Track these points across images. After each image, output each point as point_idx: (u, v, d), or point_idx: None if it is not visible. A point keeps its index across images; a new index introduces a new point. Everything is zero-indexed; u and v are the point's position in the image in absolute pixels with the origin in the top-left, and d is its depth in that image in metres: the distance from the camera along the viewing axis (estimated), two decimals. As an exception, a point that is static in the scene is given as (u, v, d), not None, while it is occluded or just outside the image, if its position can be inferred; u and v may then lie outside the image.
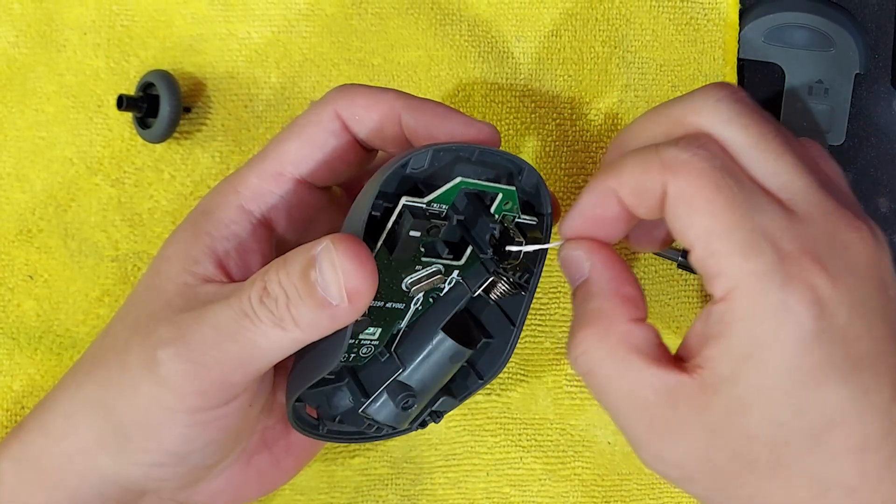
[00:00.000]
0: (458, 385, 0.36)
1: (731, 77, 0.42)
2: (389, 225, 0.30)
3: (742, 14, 0.42)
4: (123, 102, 0.40)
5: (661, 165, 0.29)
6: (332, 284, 0.29)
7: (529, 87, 0.43)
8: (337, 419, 0.35)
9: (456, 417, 0.43)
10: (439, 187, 0.31)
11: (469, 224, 0.33)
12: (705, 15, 0.43)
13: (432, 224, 0.31)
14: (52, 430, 0.33)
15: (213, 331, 0.30)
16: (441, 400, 0.36)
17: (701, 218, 0.28)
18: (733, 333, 0.28)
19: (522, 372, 0.43)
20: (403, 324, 0.33)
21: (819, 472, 0.28)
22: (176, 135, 0.42)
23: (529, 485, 0.43)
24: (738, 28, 0.42)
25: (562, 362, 0.43)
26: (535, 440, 0.43)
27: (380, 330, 0.33)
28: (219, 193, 0.34)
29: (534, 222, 0.33)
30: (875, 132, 0.43)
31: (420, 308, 0.34)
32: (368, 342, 0.33)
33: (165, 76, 0.41)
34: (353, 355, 0.33)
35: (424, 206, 0.31)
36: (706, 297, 0.43)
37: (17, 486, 0.33)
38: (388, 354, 0.34)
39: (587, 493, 0.43)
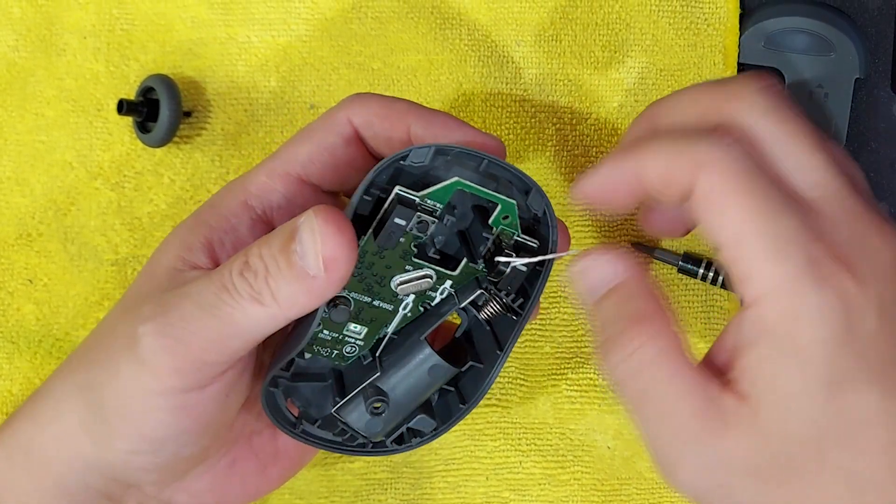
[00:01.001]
0: (440, 407, 0.36)
1: (731, 82, 0.42)
2: (381, 214, 0.31)
3: (742, 19, 0.42)
4: (123, 107, 0.40)
5: (694, 159, 0.29)
6: (309, 252, 0.29)
7: (529, 91, 0.43)
8: (316, 423, 0.35)
9: (455, 422, 0.43)
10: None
11: (465, 233, 0.33)
12: (705, 20, 0.43)
13: (421, 218, 0.30)
14: (40, 416, 0.33)
15: (192, 305, 0.31)
16: (418, 418, 0.35)
17: (731, 220, 0.28)
18: (768, 338, 0.28)
19: (522, 377, 0.43)
20: (391, 329, 0.33)
21: (849, 469, 0.29)
22: (176, 139, 0.42)
23: (529, 489, 0.43)
24: (739, 33, 0.42)
25: (562, 367, 0.43)
26: (535, 444, 0.43)
27: (366, 330, 0.33)
28: (228, 189, 0.35)
29: (535, 245, 0.33)
30: (875, 137, 0.43)
31: (409, 315, 0.33)
32: (353, 341, 0.33)
33: (165, 80, 0.41)
34: (335, 352, 0.33)
35: (417, 199, 0.31)
36: (708, 301, 0.43)
37: (6, 473, 0.33)
38: (370, 358, 0.34)
39: (586, 497, 0.43)
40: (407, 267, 0.32)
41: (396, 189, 0.30)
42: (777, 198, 0.28)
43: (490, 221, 0.32)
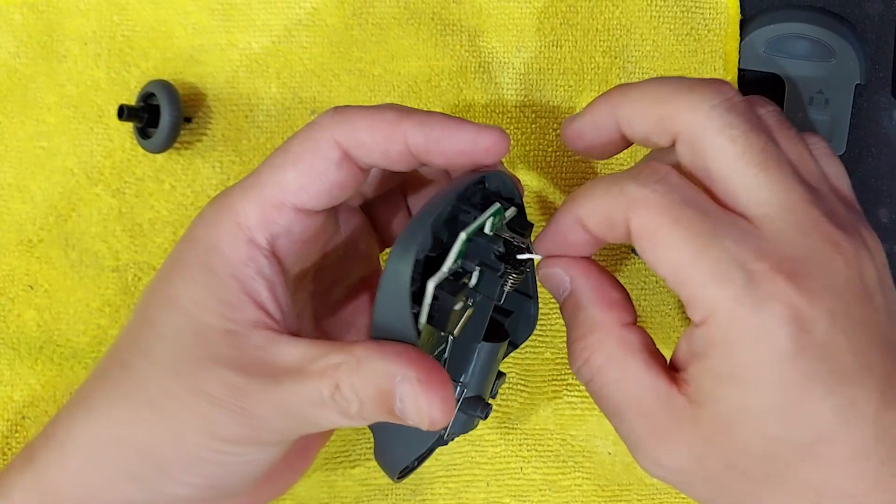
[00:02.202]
0: None
1: (732, 87, 0.42)
2: (426, 310, 0.30)
3: (743, 24, 0.42)
4: (124, 113, 0.40)
5: (625, 201, 0.30)
6: (412, 412, 0.29)
7: (530, 97, 0.43)
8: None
9: (456, 428, 0.43)
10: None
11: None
12: (706, 25, 0.43)
13: (463, 285, 0.30)
14: (71, 466, 0.32)
15: (277, 411, 0.30)
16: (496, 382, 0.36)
17: (664, 252, 0.29)
18: (714, 356, 0.29)
19: (523, 382, 0.43)
20: (447, 353, 0.33)
21: (815, 482, 0.29)
22: (177, 145, 0.42)
23: (530, 495, 0.43)
24: (739, 38, 0.42)
25: (562, 373, 0.43)
26: (536, 450, 0.43)
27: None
28: (218, 226, 0.32)
29: (514, 213, 0.34)
30: (876, 142, 0.43)
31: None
32: None
33: (166, 86, 0.41)
34: None
35: (448, 275, 0.30)
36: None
37: None
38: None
39: (587, 503, 0.43)
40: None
41: (430, 286, 0.30)
42: (709, 223, 0.29)
43: (487, 230, 0.32)
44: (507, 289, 0.34)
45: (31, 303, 0.42)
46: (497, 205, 0.32)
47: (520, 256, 0.32)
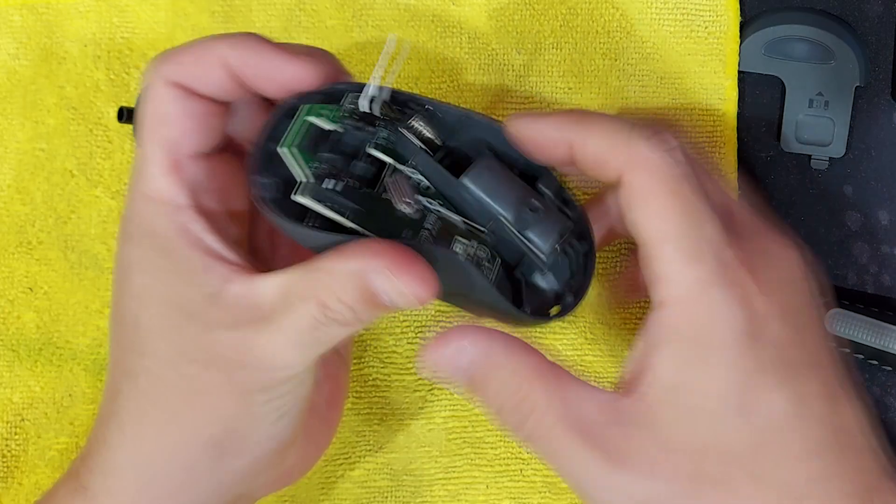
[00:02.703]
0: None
1: (732, 89, 0.42)
2: (325, 211, 0.31)
3: (742, 26, 0.42)
4: (124, 115, 0.40)
5: (633, 153, 0.30)
6: (400, 301, 0.30)
7: (530, 99, 0.43)
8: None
9: (456, 430, 0.43)
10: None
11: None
12: (706, 27, 0.43)
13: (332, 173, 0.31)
14: (119, 492, 0.32)
15: (286, 347, 0.30)
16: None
17: (654, 219, 0.30)
18: (675, 340, 0.29)
19: (522, 384, 0.43)
20: (431, 221, 0.33)
21: (770, 481, 0.29)
22: (176, 147, 0.42)
23: (530, 497, 0.43)
24: (739, 40, 0.42)
25: (562, 375, 0.43)
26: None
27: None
28: (143, 212, 0.32)
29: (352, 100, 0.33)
30: (875, 145, 0.43)
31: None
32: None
33: (166, 88, 0.41)
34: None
35: (312, 185, 0.31)
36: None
37: None
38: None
39: (587, 505, 0.43)
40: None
41: (300, 199, 0.30)
42: (699, 205, 0.30)
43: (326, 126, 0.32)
44: (410, 133, 0.33)
45: (31, 305, 0.42)
46: (306, 106, 0.32)
47: (362, 101, 0.32)
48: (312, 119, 0.32)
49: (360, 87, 0.32)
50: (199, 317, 0.31)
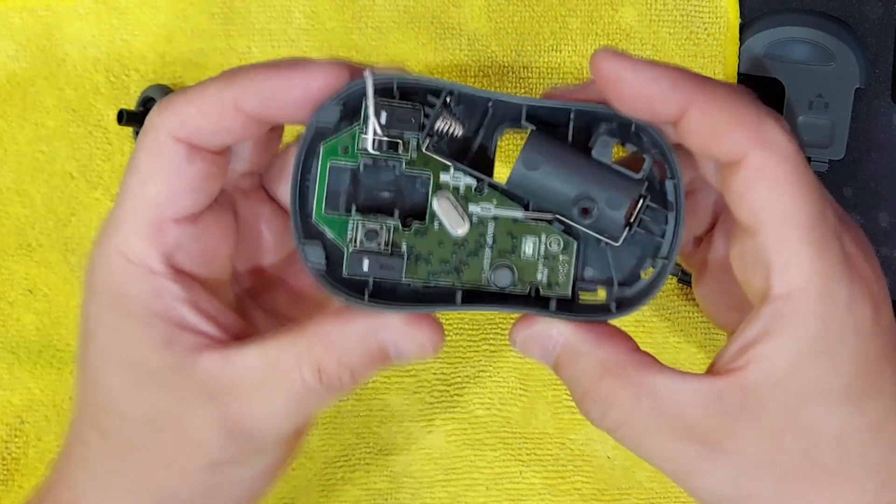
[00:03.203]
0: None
1: (732, 92, 0.42)
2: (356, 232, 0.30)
3: (742, 28, 0.42)
4: (124, 117, 0.40)
5: (760, 130, 0.28)
6: (414, 352, 0.29)
7: (529, 101, 0.43)
8: None
9: (456, 432, 0.43)
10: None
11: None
12: (706, 30, 0.43)
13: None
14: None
15: (269, 420, 0.30)
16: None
17: (783, 200, 0.27)
18: (795, 331, 0.28)
19: (522, 387, 0.43)
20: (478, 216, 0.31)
21: (881, 465, 0.29)
22: (176, 149, 0.42)
23: (529, 499, 0.43)
24: (739, 42, 0.42)
25: (561, 377, 0.43)
26: (535, 454, 0.43)
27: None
28: (114, 272, 0.30)
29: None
30: (875, 147, 0.43)
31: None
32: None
33: (166, 91, 0.41)
34: None
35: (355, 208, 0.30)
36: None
37: None
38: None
39: (587, 507, 0.43)
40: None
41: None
42: (823, 194, 0.28)
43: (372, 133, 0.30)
44: (438, 123, 0.30)
45: (31, 307, 0.43)
46: (324, 145, 0.30)
47: (367, 144, 0.30)
48: (334, 162, 0.30)
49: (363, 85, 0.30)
50: (167, 388, 0.29)
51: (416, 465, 0.43)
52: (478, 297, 0.31)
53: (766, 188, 0.28)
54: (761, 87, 0.43)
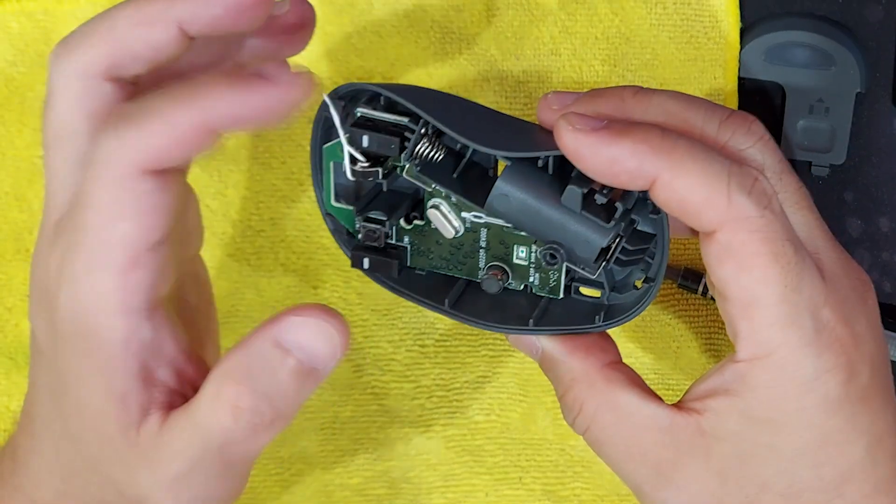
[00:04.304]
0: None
1: (732, 96, 0.42)
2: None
3: (742, 33, 0.42)
4: (121, 122, 0.40)
5: (728, 207, 0.27)
6: (327, 350, 0.28)
7: (530, 105, 0.43)
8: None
9: (455, 438, 0.42)
10: None
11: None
12: (706, 33, 0.42)
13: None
14: None
15: (203, 474, 0.29)
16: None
17: (749, 282, 0.28)
18: (753, 397, 0.28)
19: (522, 392, 0.43)
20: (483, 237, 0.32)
21: None
22: (174, 154, 0.42)
23: (529, 505, 0.43)
24: (739, 46, 0.42)
25: (561, 382, 0.43)
26: (535, 460, 0.43)
27: None
28: (85, 301, 0.28)
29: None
30: (876, 151, 0.43)
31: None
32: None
33: (164, 95, 0.41)
34: None
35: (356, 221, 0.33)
36: (709, 316, 0.43)
37: None
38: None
39: (587, 513, 0.43)
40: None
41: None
42: (799, 266, 0.28)
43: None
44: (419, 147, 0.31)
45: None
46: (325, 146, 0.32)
47: (348, 172, 0.31)
48: (336, 161, 0.32)
49: (363, 87, 0.32)
50: (109, 442, 0.29)
51: (415, 471, 0.42)
52: (473, 298, 0.33)
53: (733, 268, 0.28)
54: (761, 91, 0.43)
